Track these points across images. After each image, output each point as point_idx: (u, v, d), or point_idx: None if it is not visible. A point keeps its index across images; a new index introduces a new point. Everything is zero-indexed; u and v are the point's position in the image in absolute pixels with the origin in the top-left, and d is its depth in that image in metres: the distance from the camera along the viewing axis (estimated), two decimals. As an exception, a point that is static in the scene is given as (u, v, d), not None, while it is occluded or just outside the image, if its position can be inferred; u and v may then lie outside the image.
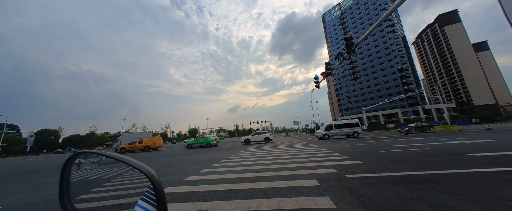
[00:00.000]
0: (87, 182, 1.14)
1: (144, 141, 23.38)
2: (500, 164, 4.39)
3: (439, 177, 3.68)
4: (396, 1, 18.85)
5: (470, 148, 7.15)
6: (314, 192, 3.21)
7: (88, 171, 1.12)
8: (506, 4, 2.49)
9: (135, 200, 0.73)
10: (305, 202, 2.78)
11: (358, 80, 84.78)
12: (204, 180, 4.69)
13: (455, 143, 8.94)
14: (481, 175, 3.65)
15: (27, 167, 11.94)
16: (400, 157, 6.03)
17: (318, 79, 14.69)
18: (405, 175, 3.92)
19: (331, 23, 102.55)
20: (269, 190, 3.50)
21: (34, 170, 10.14)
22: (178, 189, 4.00)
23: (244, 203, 2.95)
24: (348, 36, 8.92)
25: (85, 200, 1.07)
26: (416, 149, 7.72)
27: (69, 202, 0.90)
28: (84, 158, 1.06)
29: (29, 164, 14.79)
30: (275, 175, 4.73)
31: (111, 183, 1.19)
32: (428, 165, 4.70)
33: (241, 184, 4.08)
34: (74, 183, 0.98)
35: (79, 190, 1.03)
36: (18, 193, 4.83)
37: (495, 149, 6.54)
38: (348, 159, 6.34)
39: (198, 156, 11.38)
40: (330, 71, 12.44)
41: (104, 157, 0.81)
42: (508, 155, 5.32)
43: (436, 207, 2.40)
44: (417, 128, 25.75)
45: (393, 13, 74.74)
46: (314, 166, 5.48)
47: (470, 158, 5.28)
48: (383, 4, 77.38)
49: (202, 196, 3.49)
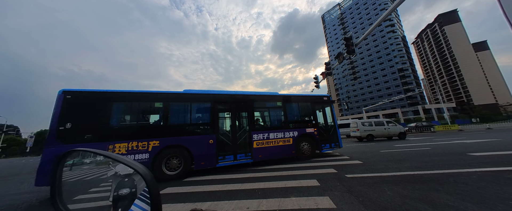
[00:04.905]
0: (85, 182, 1.13)
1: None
2: (501, 163, 4.38)
3: (439, 176, 3.67)
4: (396, 1, 18.91)
5: (470, 147, 7.14)
6: (314, 192, 3.20)
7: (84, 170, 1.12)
8: (506, 4, 2.49)
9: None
10: (305, 202, 2.77)
11: (358, 80, 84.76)
12: (204, 180, 4.68)
13: (455, 143, 8.93)
14: (481, 174, 3.64)
15: (27, 168, 11.93)
16: (400, 157, 6.02)
17: (318, 79, 14.69)
18: (405, 175, 3.91)
19: (331, 23, 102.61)
20: (269, 190, 3.50)
21: (34, 171, 10.13)
22: (178, 190, 4.00)
23: (244, 203, 2.94)
24: (347, 36, 8.92)
25: (82, 200, 1.06)
26: (416, 149, 7.71)
27: (61, 202, 0.88)
28: (78, 157, 1.05)
29: (29, 165, 14.77)
30: (275, 175, 4.72)
31: (108, 183, 1.18)
32: (428, 165, 4.69)
33: (241, 184, 4.08)
34: (69, 183, 0.97)
35: (76, 190, 1.02)
36: (17, 194, 4.83)
37: (495, 148, 6.54)
38: (348, 159, 6.33)
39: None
40: (330, 71, 12.43)
41: (97, 155, 0.80)
42: (508, 154, 5.31)
43: (437, 206, 2.39)
44: (417, 127, 25.71)
45: (392, 13, 74.70)
46: (314, 166, 5.48)
47: (470, 157, 5.27)
48: (382, 4, 77.44)
49: (202, 196, 3.49)
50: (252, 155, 6.14)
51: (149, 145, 5.08)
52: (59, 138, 4.43)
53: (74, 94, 4.84)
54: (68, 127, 4.55)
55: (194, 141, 5.59)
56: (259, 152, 6.24)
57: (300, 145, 6.93)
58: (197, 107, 6.21)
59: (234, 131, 6.26)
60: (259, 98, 7.12)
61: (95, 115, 5.01)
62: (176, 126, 5.74)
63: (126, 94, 5.52)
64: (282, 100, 7.26)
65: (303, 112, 7.76)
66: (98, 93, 5.20)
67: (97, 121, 4.99)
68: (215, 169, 5.97)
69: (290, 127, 6.97)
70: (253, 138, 6.27)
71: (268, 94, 7.37)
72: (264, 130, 6.62)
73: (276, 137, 6.59)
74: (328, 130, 7.68)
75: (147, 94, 5.74)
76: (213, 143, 5.75)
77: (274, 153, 6.46)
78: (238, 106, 6.63)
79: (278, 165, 6.03)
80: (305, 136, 7.07)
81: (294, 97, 7.74)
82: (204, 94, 6.27)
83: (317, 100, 7.95)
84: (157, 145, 5.16)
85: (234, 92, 6.86)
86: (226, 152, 5.93)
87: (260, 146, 6.31)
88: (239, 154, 6.05)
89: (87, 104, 5.00)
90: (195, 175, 5.46)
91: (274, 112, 7.32)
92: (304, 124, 7.37)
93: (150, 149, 5.07)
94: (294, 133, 6.88)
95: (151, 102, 5.76)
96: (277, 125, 6.97)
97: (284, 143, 6.64)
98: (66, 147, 4.36)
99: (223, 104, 6.50)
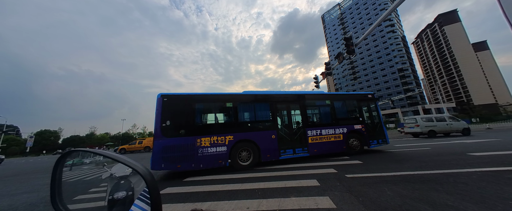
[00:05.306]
0: (85, 182, 1.13)
1: (144, 142, 23.43)
2: (500, 163, 4.38)
3: (439, 176, 3.67)
4: (396, 1, 18.91)
5: (470, 147, 7.14)
6: (314, 192, 3.19)
7: (84, 170, 1.11)
8: (506, 4, 2.48)
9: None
10: (305, 202, 2.77)
11: (358, 80, 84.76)
12: (204, 180, 4.68)
13: (455, 143, 8.93)
14: (481, 174, 3.64)
15: (27, 168, 11.92)
16: (400, 157, 6.02)
17: (318, 79, 14.68)
18: (405, 175, 3.91)
19: (330, 23, 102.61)
20: (269, 190, 3.49)
21: (34, 170, 10.13)
22: (178, 190, 4.00)
23: (244, 203, 2.94)
24: (347, 36, 8.91)
25: (82, 200, 1.06)
26: (416, 149, 7.71)
27: (61, 202, 0.88)
28: (78, 157, 1.04)
29: (28, 165, 14.77)
30: (275, 175, 4.72)
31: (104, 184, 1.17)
32: (428, 165, 4.69)
33: (241, 184, 4.08)
34: (69, 183, 0.97)
35: (76, 190, 1.01)
36: (17, 194, 4.82)
37: (495, 148, 6.54)
38: (348, 158, 6.33)
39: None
40: (330, 71, 12.42)
41: (98, 156, 0.80)
42: (508, 154, 5.31)
43: (437, 206, 2.39)
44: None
45: (392, 13, 74.74)
46: (314, 166, 5.48)
47: (470, 157, 5.27)
48: (382, 4, 77.45)
49: (202, 196, 3.49)
50: (308, 149, 6.67)
51: (226, 139, 5.89)
52: (163, 132, 5.41)
53: (169, 97, 5.81)
54: (168, 124, 5.51)
55: (260, 136, 6.31)
56: (314, 146, 6.75)
57: (349, 141, 7.32)
58: (260, 106, 6.86)
59: (290, 127, 6.92)
60: (310, 97, 7.66)
61: (185, 113, 5.92)
62: (245, 123, 6.53)
63: (207, 96, 6.44)
64: (331, 99, 7.83)
65: (350, 110, 8.20)
66: (186, 96, 6.12)
67: (187, 118, 5.91)
68: (215, 169, 5.98)
69: (339, 124, 7.41)
70: (307, 134, 6.81)
71: (317, 93, 8.07)
72: (317, 126, 7.10)
73: (328, 133, 7.08)
74: (374, 127, 7.97)
75: (222, 95, 6.66)
76: (275, 138, 6.41)
77: (327, 148, 6.93)
78: (293, 104, 7.25)
79: (278, 165, 6.03)
80: (353, 132, 7.46)
81: (341, 95, 8.30)
82: (265, 95, 7.08)
83: (362, 98, 8.29)
84: (231, 139, 5.94)
85: (288, 92, 7.60)
86: (286, 146, 6.55)
87: (314, 141, 6.83)
88: (297, 148, 6.63)
89: (179, 105, 5.91)
90: (195, 175, 5.46)
91: (324, 109, 7.89)
92: (352, 121, 7.72)
93: (226, 142, 5.87)
94: (343, 130, 7.30)
95: (225, 102, 6.52)
96: (328, 122, 7.44)
97: (335, 139, 7.10)
98: (168, 140, 5.40)
99: (279, 103, 7.12)
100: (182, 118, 5.83)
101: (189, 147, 5.50)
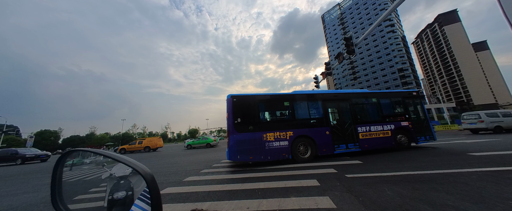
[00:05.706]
0: (85, 182, 1.13)
1: (144, 142, 23.43)
2: (500, 163, 4.38)
3: (439, 176, 3.67)
4: (396, 1, 18.91)
5: (470, 147, 7.14)
6: (314, 192, 3.20)
7: (84, 170, 1.11)
8: (506, 4, 2.48)
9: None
10: (305, 202, 2.77)
11: (358, 80, 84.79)
12: (204, 180, 4.68)
13: (455, 143, 8.93)
14: (481, 174, 3.64)
15: (27, 168, 11.92)
16: (400, 157, 6.02)
17: (318, 79, 14.68)
18: (405, 175, 3.91)
19: (330, 23, 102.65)
20: (269, 190, 3.49)
21: (34, 170, 10.13)
22: (178, 190, 4.00)
23: (244, 203, 2.94)
24: (347, 36, 8.92)
25: (82, 200, 1.06)
26: (416, 149, 7.71)
27: (61, 202, 0.89)
28: (78, 157, 1.04)
29: (28, 165, 14.76)
30: (275, 175, 4.72)
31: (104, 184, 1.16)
32: (428, 165, 4.69)
33: (241, 184, 4.08)
34: (69, 183, 0.97)
35: (76, 190, 1.02)
36: (17, 194, 4.82)
37: (495, 148, 6.54)
38: (348, 158, 6.33)
39: (198, 156, 11.38)
40: (330, 71, 12.43)
41: (98, 155, 0.80)
42: (508, 154, 5.31)
43: (437, 206, 2.39)
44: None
45: (392, 13, 74.76)
46: (314, 166, 5.48)
47: (470, 157, 5.27)
48: (382, 4, 77.47)
49: (202, 196, 3.49)
50: (360, 144, 6.96)
51: (287, 134, 6.39)
52: (236, 128, 6.02)
53: (237, 97, 6.47)
54: (239, 121, 6.13)
55: (316, 132, 6.72)
56: (365, 142, 7.03)
57: (397, 137, 7.54)
58: (314, 104, 7.28)
59: (342, 123, 7.26)
60: (358, 96, 7.91)
61: (252, 111, 6.51)
62: (302, 120, 6.92)
63: (268, 96, 6.98)
64: (377, 97, 8.08)
65: (396, 107, 8.31)
66: (251, 96, 6.70)
67: (254, 116, 6.51)
68: (213, 170, 5.99)
69: (387, 121, 7.64)
70: (357, 130, 7.10)
71: (364, 92, 8.22)
72: (366, 123, 7.35)
73: (376, 129, 7.34)
74: (421, 123, 8.05)
75: (281, 95, 7.13)
76: (329, 134, 6.79)
77: (377, 143, 7.17)
78: (342, 102, 7.61)
79: (278, 165, 6.03)
80: (400, 129, 7.66)
81: (387, 93, 8.48)
82: (317, 94, 7.49)
83: (407, 95, 8.41)
84: (292, 135, 6.42)
85: (337, 91, 8.00)
86: (339, 141, 6.92)
87: (365, 137, 7.10)
88: (349, 144, 6.97)
89: (246, 104, 6.48)
90: (195, 175, 5.46)
91: (371, 107, 8.08)
92: (399, 117, 7.86)
93: (288, 137, 6.36)
94: (391, 126, 7.52)
95: (284, 101, 7.02)
96: (376, 119, 7.66)
97: (383, 135, 7.34)
98: (241, 135, 6.02)
99: (330, 102, 7.59)
100: (250, 115, 6.42)
101: (258, 141, 6.08)
